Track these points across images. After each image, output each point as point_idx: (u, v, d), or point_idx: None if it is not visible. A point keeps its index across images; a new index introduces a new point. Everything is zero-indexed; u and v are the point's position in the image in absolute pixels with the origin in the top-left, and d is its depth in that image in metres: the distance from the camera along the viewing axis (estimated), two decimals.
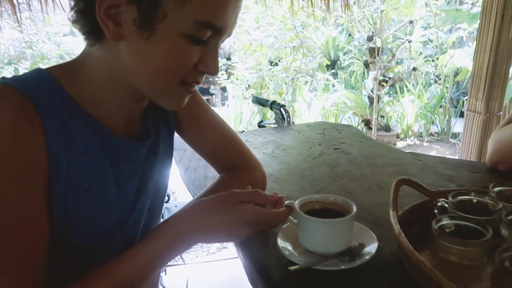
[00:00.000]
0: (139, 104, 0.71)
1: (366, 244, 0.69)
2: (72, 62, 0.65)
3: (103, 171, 0.65)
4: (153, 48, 0.58)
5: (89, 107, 0.63)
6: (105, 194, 0.66)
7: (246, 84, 5.12)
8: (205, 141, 0.90)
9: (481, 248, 0.58)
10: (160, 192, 0.82)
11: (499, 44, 1.97)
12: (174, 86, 0.63)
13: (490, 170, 1.04)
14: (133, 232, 0.74)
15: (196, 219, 0.66)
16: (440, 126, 5.93)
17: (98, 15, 0.55)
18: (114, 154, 0.67)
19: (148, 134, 0.75)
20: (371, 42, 4.99)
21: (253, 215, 0.67)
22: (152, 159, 0.76)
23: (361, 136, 1.42)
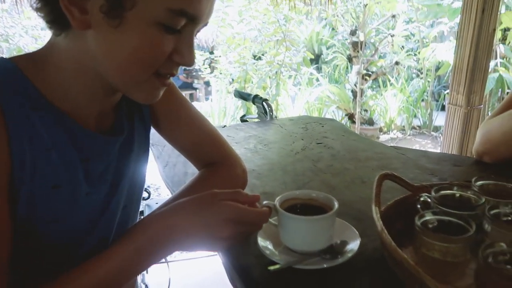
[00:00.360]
0: (111, 98, 0.67)
1: (348, 241, 0.67)
2: (38, 52, 0.61)
3: (72, 167, 0.61)
4: (122, 37, 0.54)
5: (56, 100, 0.59)
6: (74, 191, 0.62)
7: (230, 78, 5.07)
8: (183, 136, 0.87)
9: (464, 244, 0.57)
10: (136, 190, 0.78)
11: (479, 38, 1.98)
12: (147, 78, 0.59)
13: (472, 164, 1.04)
14: (107, 231, 0.70)
15: (170, 220, 0.61)
16: (422, 119, 6.01)
17: (61, 2, 0.51)
18: (83, 149, 0.63)
19: (122, 129, 0.71)
20: (354, 36, 5.00)
21: (235, 212, 0.62)
22: (126, 155, 0.72)
23: (344, 130, 1.41)
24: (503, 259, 0.54)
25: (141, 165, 0.78)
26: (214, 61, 5.41)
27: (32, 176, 0.56)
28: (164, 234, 0.60)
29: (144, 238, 0.59)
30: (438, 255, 0.57)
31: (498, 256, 0.54)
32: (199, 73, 6.28)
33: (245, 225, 0.63)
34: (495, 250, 0.54)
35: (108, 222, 0.70)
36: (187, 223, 0.60)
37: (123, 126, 0.71)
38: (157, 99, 0.64)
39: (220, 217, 0.61)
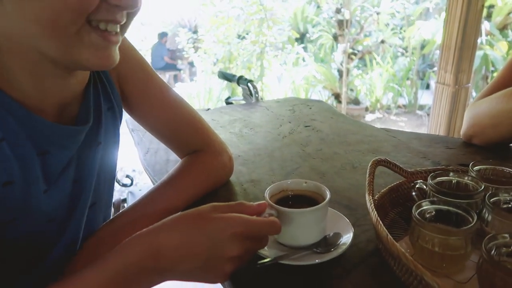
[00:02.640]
0: (68, 84, 0.58)
1: (341, 233, 0.63)
2: None
3: (26, 161, 0.54)
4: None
5: (4, 87, 0.51)
6: (29, 188, 0.55)
7: (214, 59, 4.96)
8: (162, 124, 0.81)
9: (465, 236, 0.53)
10: (106, 185, 0.72)
11: (468, 14, 1.94)
12: (84, 30, 0.49)
13: (465, 146, 1.00)
14: (74, 233, 0.63)
15: (158, 240, 0.49)
16: (408, 98, 6.02)
17: None
18: (41, 141, 0.55)
19: (86, 118, 0.62)
20: (340, 14, 4.92)
21: (243, 225, 0.52)
22: (92, 148, 0.65)
23: (332, 112, 1.36)
24: (506, 251, 0.51)
25: (110, 157, 0.71)
26: (197, 41, 5.28)
27: None
28: (150, 259, 0.49)
29: (124, 264, 0.48)
30: (436, 247, 0.54)
31: (501, 249, 0.51)
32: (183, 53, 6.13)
33: (254, 240, 0.54)
34: (498, 242, 0.51)
35: (74, 222, 0.63)
36: (184, 244, 0.49)
37: (89, 115, 0.63)
38: (111, 61, 0.54)
39: (226, 233, 0.50)
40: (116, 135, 0.72)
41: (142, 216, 0.67)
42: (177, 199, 0.72)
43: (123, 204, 1.67)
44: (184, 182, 0.76)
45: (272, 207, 0.59)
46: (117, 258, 0.48)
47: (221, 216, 0.52)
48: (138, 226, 0.54)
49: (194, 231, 0.50)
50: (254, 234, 0.53)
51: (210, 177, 0.81)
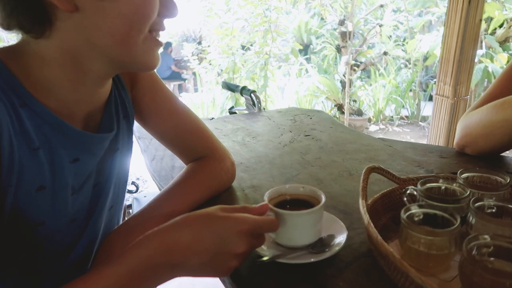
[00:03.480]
0: (98, 93, 0.64)
1: (335, 235, 0.67)
2: (16, 45, 0.57)
3: (59, 168, 0.59)
4: (115, 5, 0.52)
5: (42, 97, 0.56)
6: (60, 193, 0.60)
7: (219, 69, 5.04)
8: (168, 130, 0.86)
9: (449, 237, 0.57)
10: (121, 188, 0.77)
11: (466, 29, 1.99)
12: (145, 37, 0.57)
13: (458, 155, 1.04)
14: (93, 234, 0.68)
15: (170, 238, 0.53)
16: (410, 109, 6.06)
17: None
18: (73, 149, 0.61)
19: (111, 126, 0.69)
20: (343, 26, 4.99)
21: (250, 223, 0.56)
22: (112, 154, 0.71)
23: (332, 122, 1.41)
24: (487, 251, 0.55)
25: (125, 163, 0.77)
26: (202, 52, 5.36)
27: (19, 177, 0.53)
28: (162, 255, 0.52)
29: (138, 260, 0.51)
30: (423, 248, 0.58)
31: (482, 249, 0.55)
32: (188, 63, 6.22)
33: (258, 237, 0.59)
34: (479, 242, 0.55)
35: (94, 224, 0.68)
36: (194, 240, 0.53)
37: (113, 123, 0.69)
38: (159, 61, 0.62)
39: (234, 230, 0.54)
40: (130, 141, 0.78)
41: (151, 218, 0.71)
42: (183, 203, 0.76)
43: (128, 210, 1.72)
44: (190, 187, 0.80)
45: (271, 209, 0.64)
46: (132, 255, 0.51)
47: (228, 215, 0.56)
48: (148, 227, 0.57)
49: (204, 229, 0.54)
50: (258, 230, 0.58)
51: (214, 182, 0.85)
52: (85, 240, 0.66)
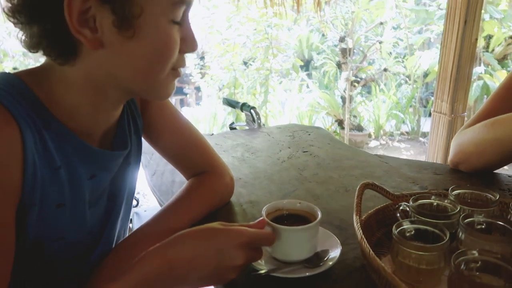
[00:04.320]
0: (114, 114, 0.68)
1: (330, 250, 0.69)
2: (40, 69, 0.60)
3: (78, 185, 0.62)
4: (139, 45, 0.55)
5: (63, 117, 0.59)
6: (78, 208, 0.63)
7: (220, 84, 5.09)
8: (172, 145, 0.88)
9: (438, 252, 0.59)
10: (130, 200, 0.81)
11: (462, 47, 2.04)
12: (166, 74, 0.60)
13: (452, 172, 1.07)
14: (107, 243, 0.72)
15: (171, 253, 0.55)
16: (411, 125, 6.09)
17: (72, 27, 0.51)
18: (91, 167, 0.64)
19: (125, 143, 0.72)
20: (343, 43, 5.06)
21: (248, 236, 0.58)
22: (125, 168, 0.74)
23: (330, 138, 1.43)
24: (475, 266, 0.57)
25: (134, 176, 0.80)
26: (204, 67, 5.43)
27: (41, 195, 0.56)
28: (165, 271, 0.54)
29: (142, 275, 0.53)
30: (413, 262, 0.60)
31: (470, 264, 0.57)
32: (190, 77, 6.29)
33: (256, 250, 0.62)
34: (468, 257, 0.57)
35: (109, 234, 0.72)
36: (195, 255, 0.56)
37: (127, 141, 0.72)
38: (174, 90, 0.65)
39: (234, 243, 0.57)
40: (139, 155, 0.81)
41: (155, 233, 0.73)
42: (186, 218, 0.78)
43: (129, 224, 1.73)
44: (192, 201, 0.82)
45: (268, 224, 0.66)
46: (135, 271, 0.53)
47: (227, 228, 0.59)
48: (152, 241, 0.59)
49: (204, 244, 0.57)
50: (256, 243, 0.61)
51: (214, 197, 0.87)
52: (100, 250, 0.69)
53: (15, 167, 0.52)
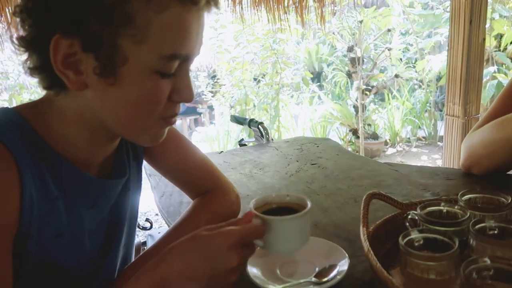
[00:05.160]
0: (113, 143, 0.68)
1: (337, 264, 0.68)
2: (39, 102, 0.62)
3: (76, 215, 0.62)
4: (121, 92, 0.55)
5: (60, 149, 0.60)
6: (77, 238, 0.63)
7: (232, 102, 5.13)
8: (175, 167, 0.88)
9: (448, 261, 0.57)
10: (133, 224, 0.80)
11: (470, 48, 2.00)
12: (152, 123, 0.60)
13: (464, 176, 1.04)
14: (110, 272, 0.71)
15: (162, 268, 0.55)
16: (427, 130, 5.98)
17: (55, 67, 0.52)
18: (90, 196, 0.64)
19: (123, 171, 0.72)
20: (352, 53, 5.05)
21: (237, 235, 0.56)
22: (124, 194, 0.74)
23: (338, 149, 1.42)
24: (488, 275, 0.54)
25: (136, 201, 0.80)
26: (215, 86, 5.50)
27: (39, 226, 0.56)
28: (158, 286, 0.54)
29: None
30: (422, 273, 0.57)
31: (482, 272, 0.54)
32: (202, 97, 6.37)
33: (248, 247, 0.60)
34: (479, 265, 0.54)
35: (111, 262, 0.71)
36: (185, 267, 0.54)
37: (125, 168, 0.72)
38: (162, 139, 0.64)
39: (224, 247, 0.55)
40: (140, 180, 0.81)
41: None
42: None
43: (143, 247, 1.74)
44: (198, 221, 0.81)
45: (257, 216, 0.62)
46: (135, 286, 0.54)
47: (213, 234, 0.56)
48: None
49: (192, 255, 0.55)
50: (246, 240, 0.58)
51: (220, 215, 0.86)
52: (102, 277, 0.69)
53: (13, 201, 0.52)
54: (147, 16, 0.52)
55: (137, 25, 0.51)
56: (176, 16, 0.53)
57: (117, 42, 0.52)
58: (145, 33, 0.52)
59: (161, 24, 0.53)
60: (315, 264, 0.70)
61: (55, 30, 0.51)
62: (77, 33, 0.51)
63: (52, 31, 0.51)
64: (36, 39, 0.54)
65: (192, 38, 0.56)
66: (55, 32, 0.51)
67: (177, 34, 0.54)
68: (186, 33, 0.55)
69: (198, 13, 0.56)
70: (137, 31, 0.52)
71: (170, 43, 0.54)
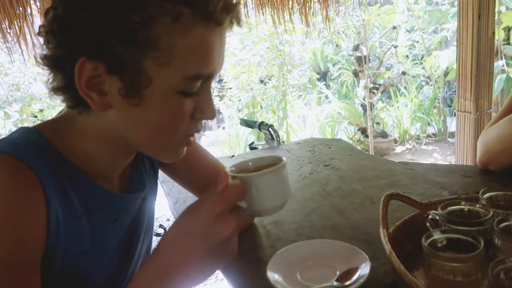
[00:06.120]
0: (131, 156, 0.69)
1: (359, 267, 0.67)
2: (59, 120, 0.62)
3: (99, 231, 0.62)
4: (145, 112, 0.56)
5: (82, 165, 0.60)
6: (100, 254, 0.63)
7: (239, 105, 5.13)
8: (188, 173, 0.88)
9: (474, 262, 0.55)
10: (150, 234, 0.81)
11: (479, 43, 1.98)
12: (176, 141, 0.61)
13: (482, 173, 1.02)
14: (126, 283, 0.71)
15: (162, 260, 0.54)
16: (437, 126, 5.93)
17: (79, 89, 0.53)
18: (112, 212, 0.65)
19: (143, 184, 0.73)
20: (358, 52, 5.02)
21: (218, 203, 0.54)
22: (142, 205, 0.74)
23: (351, 149, 1.40)
24: None
25: (152, 207, 0.80)
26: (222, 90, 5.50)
27: (64, 246, 0.56)
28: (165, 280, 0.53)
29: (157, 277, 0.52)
30: (448, 275, 0.56)
31: (510, 272, 0.53)
32: None
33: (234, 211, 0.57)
34: (507, 266, 0.53)
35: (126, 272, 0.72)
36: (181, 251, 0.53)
37: (144, 180, 0.73)
38: (181, 156, 0.65)
39: (211, 219, 0.53)
40: (155, 189, 0.81)
41: None
42: None
43: None
44: None
45: (234, 177, 0.59)
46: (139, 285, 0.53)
47: (198, 211, 0.54)
48: None
49: (184, 238, 0.53)
50: (230, 205, 0.55)
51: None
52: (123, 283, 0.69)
53: (40, 221, 0.53)
54: (171, 38, 0.52)
55: (162, 47, 0.52)
56: (200, 37, 0.54)
57: (141, 65, 0.52)
58: (169, 55, 0.53)
59: (185, 46, 0.53)
60: (336, 268, 0.69)
61: (80, 52, 0.52)
62: (102, 57, 0.52)
63: (77, 53, 0.52)
64: (61, 60, 0.55)
65: (215, 57, 0.57)
66: (80, 55, 0.52)
67: (201, 55, 0.55)
68: (209, 53, 0.56)
69: (221, 32, 0.57)
70: (162, 53, 0.52)
71: (194, 64, 0.55)
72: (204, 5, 0.53)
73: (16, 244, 0.50)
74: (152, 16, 0.51)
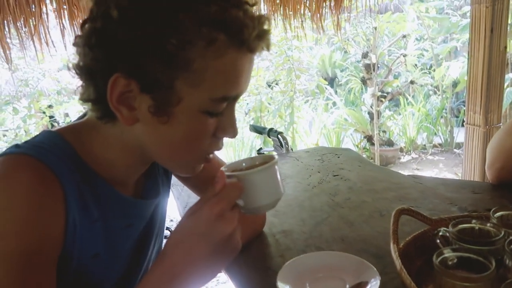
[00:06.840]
0: (148, 164, 0.71)
1: (368, 281, 0.67)
2: (82, 125, 0.64)
3: (114, 236, 0.64)
4: (170, 129, 0.57)
5: (100, 171, 0.62)
6: (113, 257, 0.65)
7: (246, 109, 5.14)
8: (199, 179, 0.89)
9: (485, 283, 0.56)
10: (161, 238, 0.82)
11: (491, 57, 1.98)
12: (195, 157, 0.63)
13: (492, 190, 1.02)
14: None
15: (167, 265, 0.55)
16: (443, 137, 5.90)
17: (110, 103, 0.54)
18: (128, 217, 0.66)
19: (157, 190, 0.74)
20: (366, 59, 5.03)
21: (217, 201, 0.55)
22: (155, 211, 0.76)
23: (360, 160, 1.41)
24: None
25: (163, 210, 0.81)
26: None
27: (78, 248, 0.58)
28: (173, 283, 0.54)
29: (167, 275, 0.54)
30: None
31: None
32: None
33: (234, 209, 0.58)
34: None
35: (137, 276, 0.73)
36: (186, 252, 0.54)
37: (159, 187, 0.75)
38: (197, 171, 0.66)
39: (212, 219, 0.54)
40: (168, 192, 0.82)
41: None
42: None
43: None
44: None
45: (230, 176, 0.60)
46: None
47: (199, 212, 0.55)
48: None
49: (188, 240, 0.55)
50: (230, 204, 0.56)
51: (247, 228, 0.87)
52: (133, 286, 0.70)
53: (59, 223, 0.54)
54: (205, 61, 0.53)
55: (194, 69, 0.53)
56: (231, 61, 0.55)
57: (173, 85, 0.54)
58: (201, 77, 0.54)
59: (217, 69, 0.55)
60: (345, 281, 0.70)
61: (115, 68, 0.53)
62: (137, 75, 0.53)
63: (112, 68, 0.53)
64: (94, 72, 0.56)
65: (243, 80, 0.59)
66: (114, 70, 0.53)
67: (230, 78, 0.57)
68: (238, 77, 0.58)
69: (251, 57, 0.58)
70: (193, 75, 0.54)
71: (222, 86, 0.56)
72: (239, 32, 0.54)
73: (36, 240, 0.51)
74: (190, 41, 0.52)
